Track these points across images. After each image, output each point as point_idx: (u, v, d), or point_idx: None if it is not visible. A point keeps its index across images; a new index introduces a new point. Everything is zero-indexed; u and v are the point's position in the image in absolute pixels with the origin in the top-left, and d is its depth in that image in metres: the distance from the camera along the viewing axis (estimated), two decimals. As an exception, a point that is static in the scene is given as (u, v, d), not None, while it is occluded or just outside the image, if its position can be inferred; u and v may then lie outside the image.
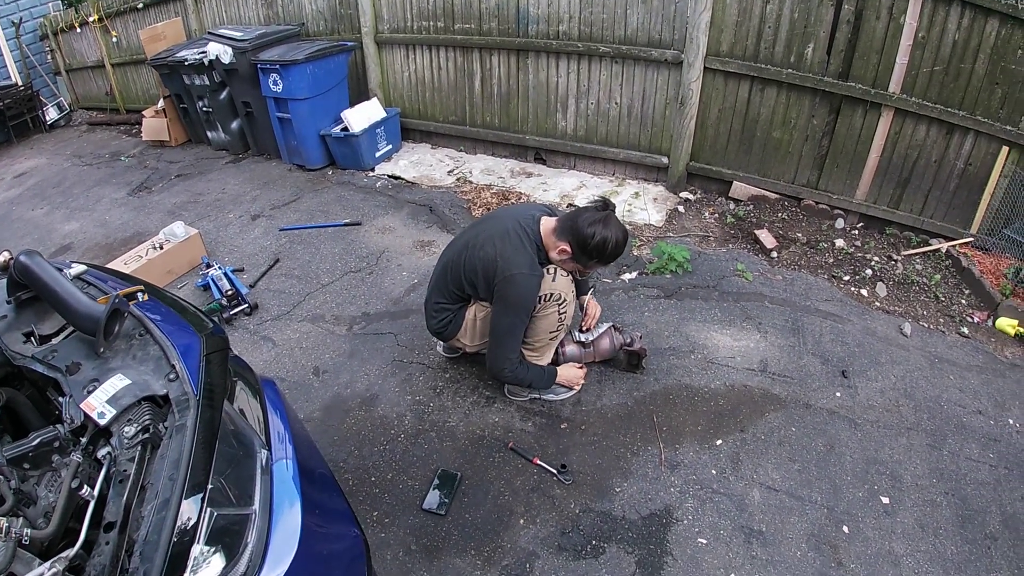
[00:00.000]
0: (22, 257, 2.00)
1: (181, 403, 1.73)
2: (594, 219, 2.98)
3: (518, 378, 3.35)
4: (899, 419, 3.45)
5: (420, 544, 2.92)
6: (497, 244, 3.12)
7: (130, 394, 1.76)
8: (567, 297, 3.21)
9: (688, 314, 4.26)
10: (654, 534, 2.88)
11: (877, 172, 4.96)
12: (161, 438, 1.66)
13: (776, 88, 5.10)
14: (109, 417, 1.69)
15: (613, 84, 5.85)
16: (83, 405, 1.73)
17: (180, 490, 1.50)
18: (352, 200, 6.31)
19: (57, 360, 1.91)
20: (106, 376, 1.81)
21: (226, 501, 1.66)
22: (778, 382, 3.69)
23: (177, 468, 1.55)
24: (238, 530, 1.64)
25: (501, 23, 6.19)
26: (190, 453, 1.59)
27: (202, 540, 1.52)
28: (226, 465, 1.72)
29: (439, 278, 3.48)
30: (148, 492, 1.53)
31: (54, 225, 6.82)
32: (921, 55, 4.46)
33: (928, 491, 3.06)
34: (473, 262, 3.21)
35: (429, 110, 7.26)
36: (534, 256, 3.11)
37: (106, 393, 1.75)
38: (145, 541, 1.42)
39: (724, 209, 5.55)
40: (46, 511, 1.59)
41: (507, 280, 3.07)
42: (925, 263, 4.71)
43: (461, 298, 3.43)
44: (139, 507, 1.50)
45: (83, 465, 1.63)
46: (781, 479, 3.11)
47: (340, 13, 7.31)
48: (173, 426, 1.67)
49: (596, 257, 3.05)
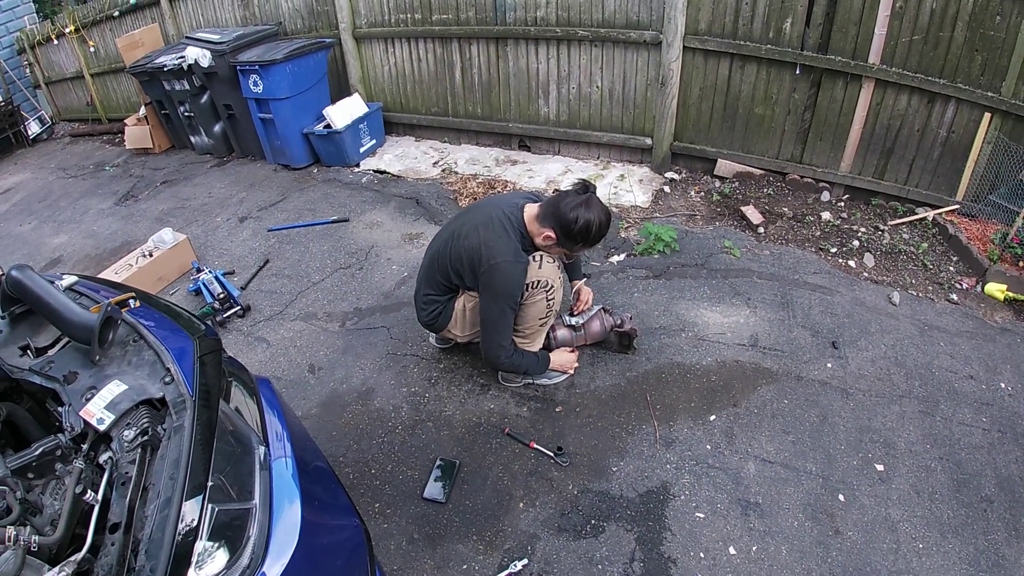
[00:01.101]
0: (14, 272, 2.01)
1: (178, 405, 1.75)
2: (576, 203, 2.98)
3: (514, 365, 3.36)
4: (891, 387, 3.48)
5: (422, 532, 2.95)
6: (481, 233, 3.12)
7: (127, 399, 1.78)
8: (554, 284, 3.23)
9: (677, 293, 4.29)
10: (652, 511, 2.91)
11: (860, 144, 4.98)
12: (160, 440, 1.68)
13: (756, 64, 5.12)
14: (108, 423, 1.71)
15: (593, 68, 5.85)
16: (82, 413, 1.75)
17: (181, 489, 1.53)
18: (339, 197, 6.31)
19: (54, 371, 1.93)
20: (103, 383, 1.83)
21: (227, 497, 1.68)
22: (769, 356, 3.71)
23: (177, 468, 1.58)
24: (240, 524, 1.66)
25: (478, 12, 6.18)
26: (189, 453, 1.61)
27: (205, 536, 1.54)
28: (225, 463, 1.74)
29: (427, 270, 3.49)
30: (150, 492, 1.55)
31: (43, 239, 6.80)
32: (900, 25, 4.47)
33: (922, 457, 3.09)
34: (459, 252, 3.21)
35: (411, 103, 7.25)
36: (518, 244, 3.11)
37: (104, 400, 1.77)
38: (150, 539, 1.45)
39: (710, 187, 5.57)
40: (52, 519, 1.60)
41: (492, 268, 3.07)
42: (912, 232, 4.74)
43: (449, 289, 3.44)
44: (142, 507, 1.52)
45: (86, 471, 1.65)
46: (775, 451, 3.14)
47: (317, 10, 7.28)
48: (171, 428, 1.70)
49: (581, 241, 3.05)
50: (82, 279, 2.38)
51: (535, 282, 3.18)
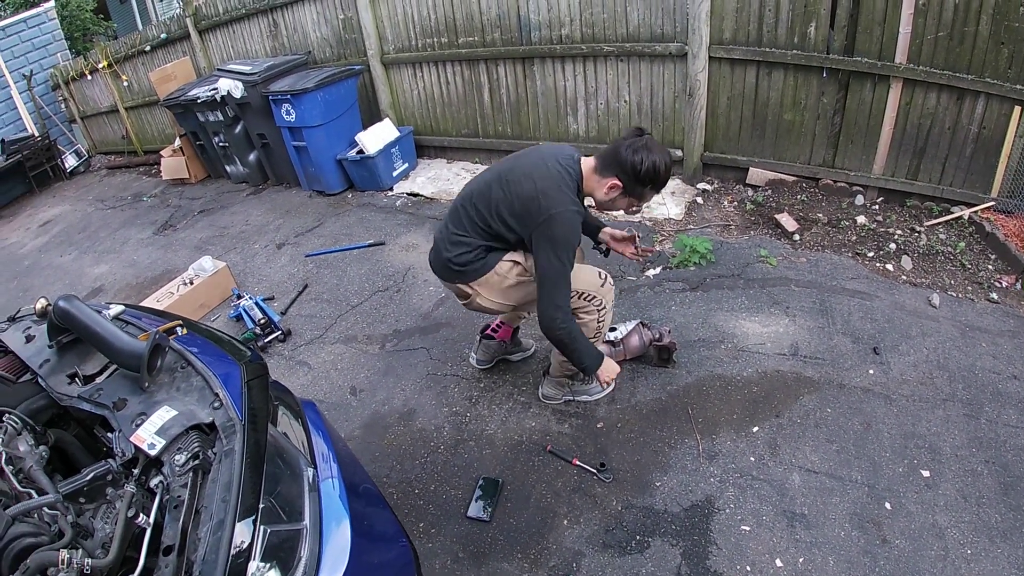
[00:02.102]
0: (61, 302, 2.07)
1: (227, 429, 1.79)
2: (637, 145, 2.81)
3: (571, 335, 3.00)
4: (934, 391, 3.44)
5: (467, 551, 2.96)
6: (538, 182, 2.88)
7: (178, 424, 1.81)
8: (607, 304, 3.17)
9: (715, 304, 4.28)
10: (697, 525, 2.90)
11: (892, 145, 4.94)
12: (211, 464, 1.72)
13: (783, 70, 5.11)
14: (159, 447, 1.75)
15: (620, 83, 5.88)
16: (133, 438, 1.78)
17: (234, 511, 1.56)
18: (374, 221, 6.39)
19: (103, 398, 1.97)
20: (152, 409, 1.87)
21: (277, 519, 1.72)
22: (810, 364, 3.69)
23: (229, 490, 1.61)
24: (291, 546, 1.70)
25: (504, 33, 6.25)
26: (240, 475, 1.64)
27: (258, 556, 1.57)
28: (275, 485, 1.78)
29: (460, 210, 3.17)
30: (203, 515, 1.58)
31: (84, 269, 6.96)
32: (924, 22, 4.44)
33: (968, 461, 3.05)
34: (510, 197, 2.95)
35: (441, 125, 7.34)
36: (575, 196, 2.93)
37: (154, 425, 1.80)
38: (203, 561, 1.47)
39: (742, 196, 5.56)
40: (103, 542, 1.63)
41: (552, 219, 2.83)
42: (948, 232, 4.68)
43: (486, 233, 3.09)
44: (195, 530, 1.55)
45: (137, 495, 1.68)
46: (820, 461, 3.12)
47: (345, 38, 7.41)
48: (221, 451, 1.73)
49: (650, 183, 2.87)
50: (128, 308, 2.44)
51: (590, 295, 3.10)
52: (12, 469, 1.76)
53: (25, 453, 1.84)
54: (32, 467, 1.78)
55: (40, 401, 2.13)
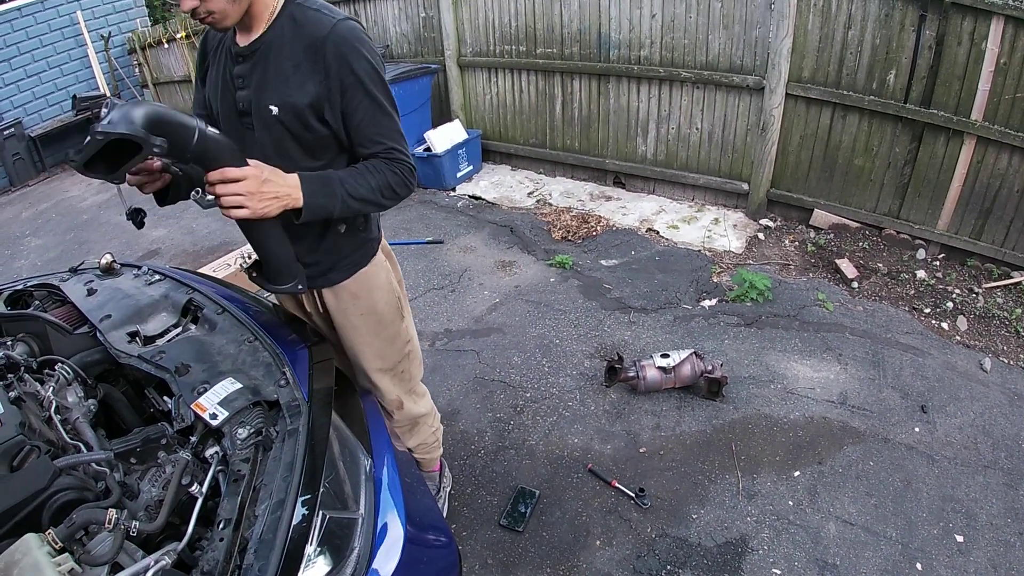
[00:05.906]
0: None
1: (292, 409, 1.79)
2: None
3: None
4: (977, 456, 3.43)
5: (496, 559, 3.02)
6: None
7: (243, 397, 1.81)
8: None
9: (768, 343, 4.29)
10: (729, 563, 2.93)
11: (959, 202, 4.90)
12: (273, 442, 1.71)
13: (858, 115, 5.09)
14: (221, 419, 1.73)
15: (694, 109, 5.91)
16: (194, 406, 1.78)
17: (296, 491, 1.55)
18: (434, 219, 6.49)
19: (165, 361, 1.98)
20: (217, 379, 1.87)
21: (334, 505, 1.74)
22: (857, 415, 3.69)
23: (291, 471, 1.60)
24: (346, 534, 1.70)
25: (583, 48, 6.31)
26: (304, 457, 1.64)
27: (315, 541, 1.57)
28: (334, 471, 1.80)
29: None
30: (261, 493, 1.57)
31: (142, 231, 7.10)
32: (1003, 81, 4.40)
33: (1003, 531, 3.04)
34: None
35: (510, 132, 7.42)
36: None
37: (217, 395, 1.81)
38: (260, 540, 1.46)
39: (804, 237, 5.55)
40: (147, 505, 1.62)
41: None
42: (1007, 296, 4.64)
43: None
44: (252, 507, 1.54)
45: (191, 463, 1.68)
46: (857, 513, 3.13)
47: (424, 36, 7.53)
48: (285, 430, 1.73)
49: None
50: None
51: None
52: (59, 419, 1.78)
53: (73, 404, 1.86)
54: (79, 419, 1.80)
55: (95, 355, 2.14)
